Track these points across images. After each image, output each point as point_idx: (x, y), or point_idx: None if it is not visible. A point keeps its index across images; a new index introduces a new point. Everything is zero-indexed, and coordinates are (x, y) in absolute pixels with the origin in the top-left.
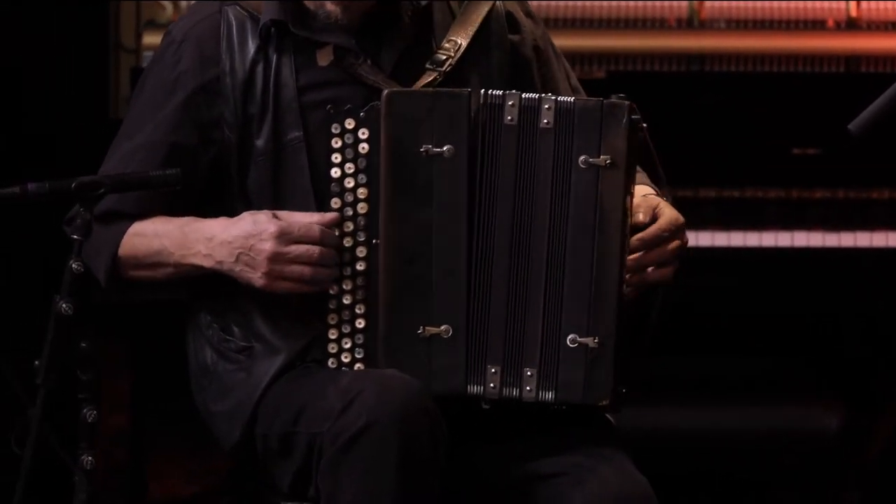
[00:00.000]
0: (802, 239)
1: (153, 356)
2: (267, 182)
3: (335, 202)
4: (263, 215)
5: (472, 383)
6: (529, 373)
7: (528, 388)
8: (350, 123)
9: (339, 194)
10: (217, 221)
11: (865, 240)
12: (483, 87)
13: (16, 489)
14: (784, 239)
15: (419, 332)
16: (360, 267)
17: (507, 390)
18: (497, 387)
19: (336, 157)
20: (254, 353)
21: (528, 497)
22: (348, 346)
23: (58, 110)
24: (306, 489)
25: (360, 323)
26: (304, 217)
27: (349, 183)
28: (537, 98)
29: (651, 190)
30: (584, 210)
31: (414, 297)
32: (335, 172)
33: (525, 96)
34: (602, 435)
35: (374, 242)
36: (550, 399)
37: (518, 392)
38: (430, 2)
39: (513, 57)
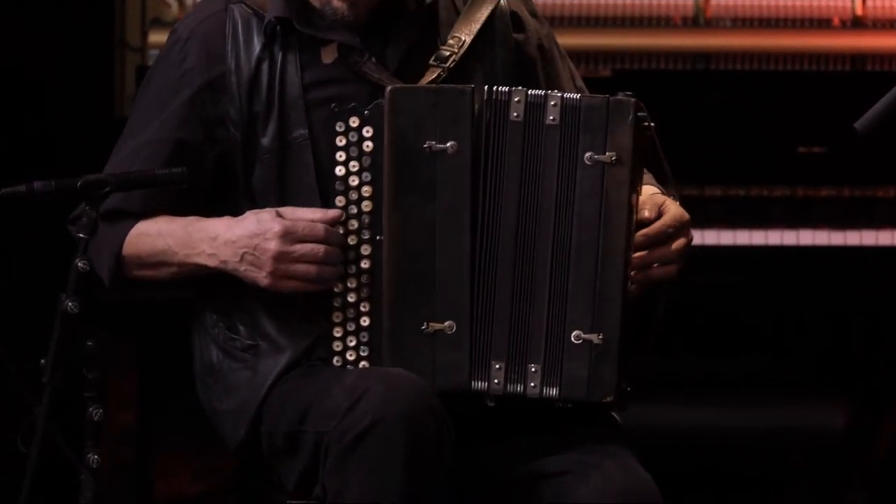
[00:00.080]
0: (808, 237)
1: (159, 355)
2: (272, 180)
3: (340, 200)
4: (267, 214)
5: (477, 379)
6: (534, 369)
7: (532, 384)
8: (354, 121)
9: (344, 192)
10: (221, 221)
11: (871, 238)
12: (487, 85)
13: (22, 488)
14: (790, 237)
15: (423, 327)
16: (365, 265)
17: (512, 386)
18: (501, 382)
19: (341, 156)
20: (259, 352)
21: (533, 495)
22: (353, 343)
23: (62, 109)
24: (312, 488)
25: (364, 321)
26: (308, 213)
27: (353, 181)
28: (543, 94)
29: (657, 190)
30: (589, 206)
31: (418, 293)
32: (340, 171)
33: (531, 93)
34: (607, 432)
35: (378, 239)
36: (554, 395)
37: (522, 388)
38: None
39: (517, 56)
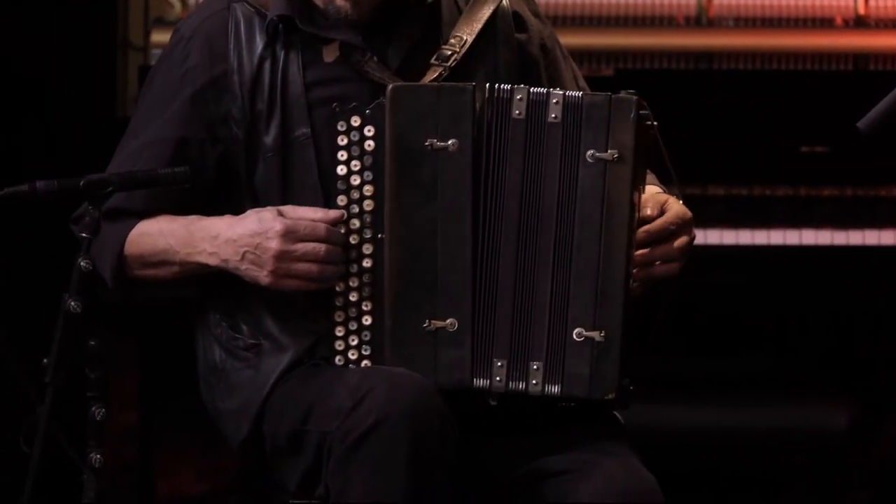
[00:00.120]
0: (811, 237)
1: (161, 354)
2: (275, 179)
3: (341, 199)
4: (268, 213)
5: (479, 376)
6: (535, 366)
7: (534, 381)
8: (356, 121)
9: (346, 192)
10: (222, 219)
11: (874, 238)
12: (489, 83)
13: (24, 487)
14: (792, 237)
15: (425, 325)
16: (367, 264)
17: (514, 384)
18: (503, 380)
19: (342, 155)
20: (262, 351)
21: (535, 494)
22: (355, 343)
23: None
24: (315, 487)
25: (366, 320)
26: (310, 212)
27: (355, 180)
28: (545, 92)
29: (660, 189)
30: (590, 204)
31: (420, 292)
32: (341, 170)
33: (533, 90)
34: (608, 432)
35: (380, 238)
36: (556, 392)
37: (524, 385)
38: None
39: (520, 56)
